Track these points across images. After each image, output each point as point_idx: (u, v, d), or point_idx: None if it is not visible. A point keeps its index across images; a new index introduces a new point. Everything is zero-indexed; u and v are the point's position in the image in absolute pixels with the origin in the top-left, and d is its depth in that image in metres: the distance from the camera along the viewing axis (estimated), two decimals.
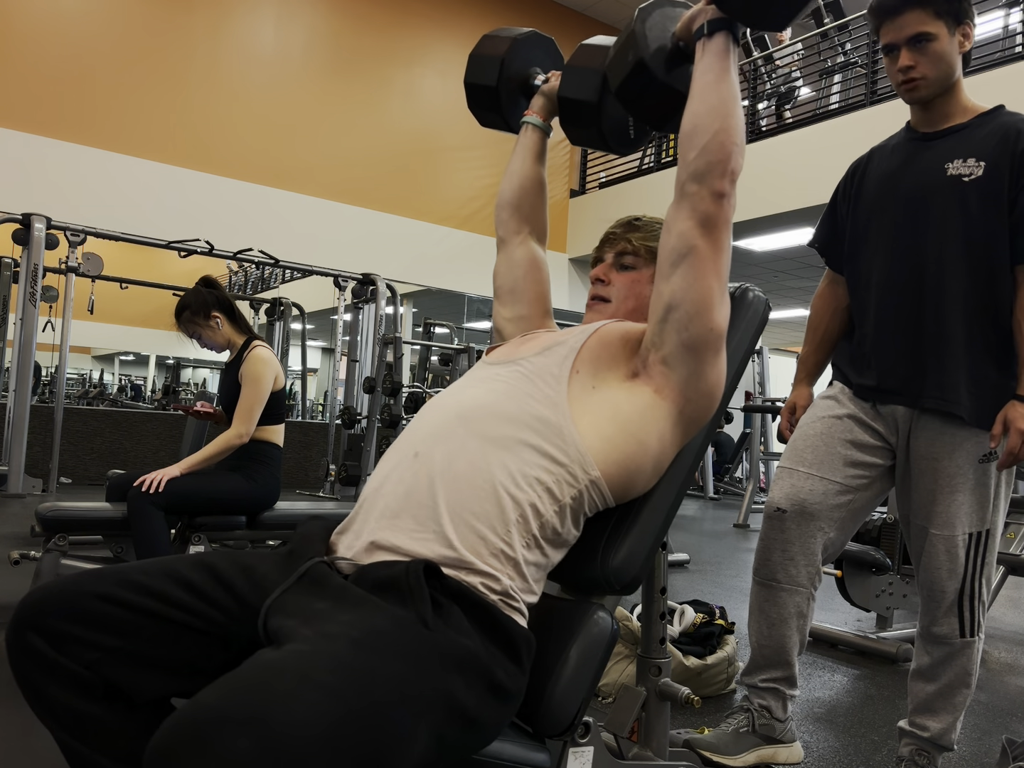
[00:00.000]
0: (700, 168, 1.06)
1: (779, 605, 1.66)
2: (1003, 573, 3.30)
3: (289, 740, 0.65)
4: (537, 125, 1.40)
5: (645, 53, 1.17)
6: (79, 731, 0.88)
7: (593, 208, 9.38)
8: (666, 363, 1.07)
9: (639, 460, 1.06)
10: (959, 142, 1.56)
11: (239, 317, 2.75)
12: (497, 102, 1.42)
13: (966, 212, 1.54)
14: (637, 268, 1.27)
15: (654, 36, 1.17)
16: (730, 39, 1.09)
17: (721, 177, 1.05)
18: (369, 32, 8.50)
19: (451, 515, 0.95)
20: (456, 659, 0.84)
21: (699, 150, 1.06)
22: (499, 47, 1.40)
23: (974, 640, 1.61)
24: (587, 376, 1.08)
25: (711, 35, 1.09)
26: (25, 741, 1.69)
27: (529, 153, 1.40)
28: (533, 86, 1.41)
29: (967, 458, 1.57)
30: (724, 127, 1.06)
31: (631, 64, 1.18)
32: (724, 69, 1.07)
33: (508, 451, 1.00)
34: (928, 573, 1.63)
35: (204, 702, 0.67)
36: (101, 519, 2.45)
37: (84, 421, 6.72)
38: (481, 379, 1.15)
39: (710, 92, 1.07)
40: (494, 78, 1.40)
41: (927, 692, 1.66)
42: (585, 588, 1.13)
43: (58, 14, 6.92)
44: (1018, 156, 1.51)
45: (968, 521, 1.58)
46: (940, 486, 1.59)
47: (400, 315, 6.84)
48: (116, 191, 7.02)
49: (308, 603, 0.86)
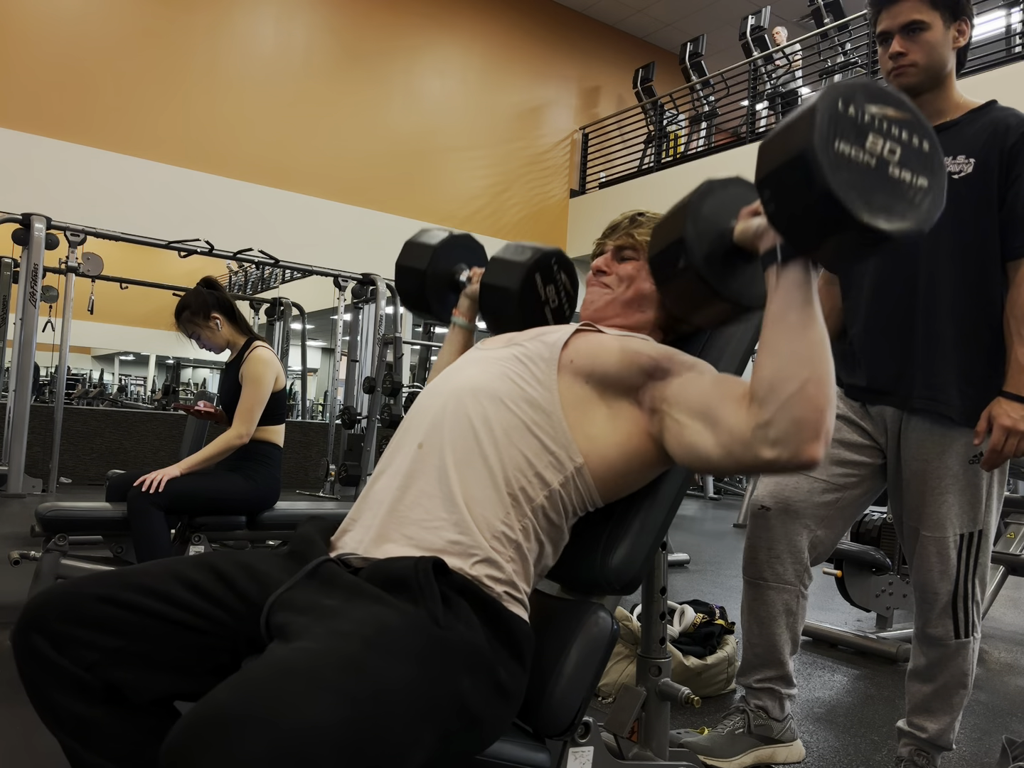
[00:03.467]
0: (784, 429, 0.87)
1: (767, 603, 1.66)
2: (1003, 573, 3.30)
3: (301, 740, 0.66)
4: (463, 326, 1.46)
5: (697, 261, 0.99)
6: (80, 733, 0.89)
7: (593, 208, 9.38)
8: (663, 422, 1.02)
9: (623, 468, 1.05)
10: (950, 139, 1.52)
11: (239, 318, 2.75)
12: (427, 304, 1.50)
13: (957, 211, 1.48)
14: (637, 259, 1.27)
15: (707, 240, 0.99)
16: (811, 266, 0.89)
17: (814, 440, 0.86)
18: (369, 32, 8.49)
19: (457, 501, 0.96)
20: (465, 657, 0.85)
21: (782, 404, 0.87)
22: (422, 258, 1.48)
23: (969, 641, 1.60)
24: (580, 372, 1.06)
25: (786, 263, 0.90)
26: (28, 741, 1.69)
27: (456, 348, 1.45)
28: (459, 283, 1.49)
29: (957, 459, 1.55)
30: (816, 376, 0.87)
31: (681, 271, 1.02)
32: (808, 302, 0.88)
33: (503, 434, 1.00)
34: (920, 575, 1.62)
35: (218, 701, 0.68)
36: (101, 519, 2.45)
37: (84, 421, 6.72)
38: (476, 360, 1.15)
39: (795, 335, 0.88)
40: (419, 287, 1.48)
41: (924, 693, 1.65)
42: (585, 588, 1.13)
43: (58, 14, 6.92)
44: (1007, 151, 1.50)
45: (959, 522, 1.57)
46: (930, 487, 1.57)
47: (400, 315, 6.83)
48: (116, 191, 7.02)
49: (318, 600, 0.87)
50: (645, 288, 1.22)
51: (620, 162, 9.39)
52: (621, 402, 1.04)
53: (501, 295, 1.35)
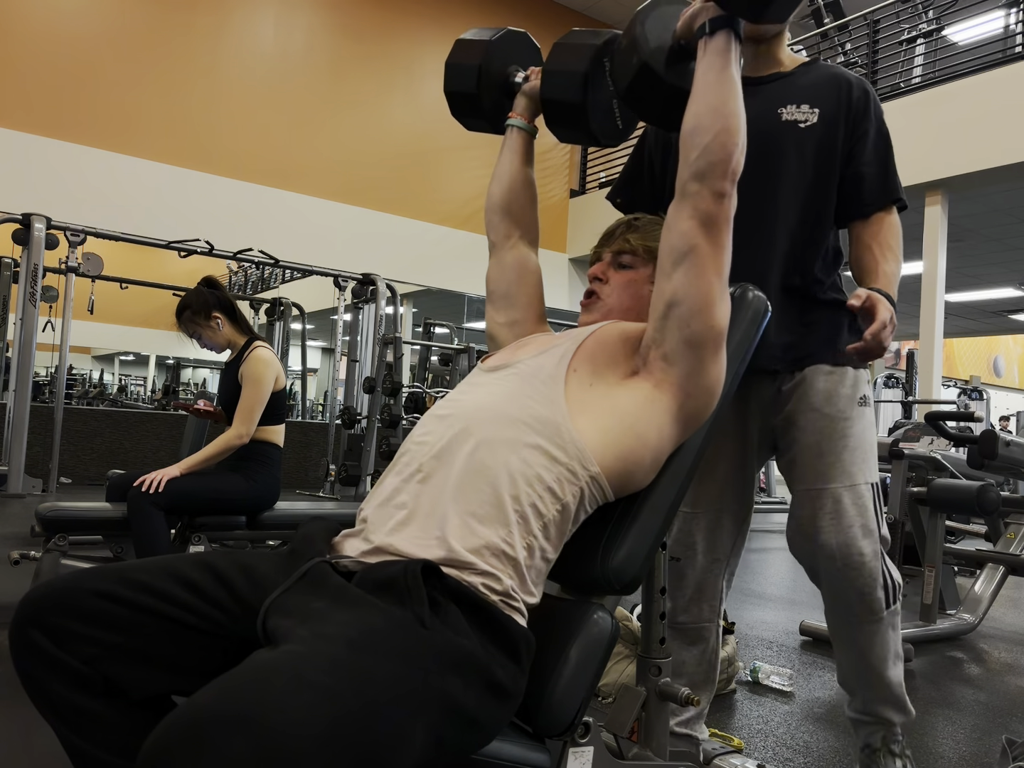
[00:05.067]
0: (701, 168, 1.06)
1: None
2: (1003, 573, 3.30)
3: (284, 740, 0.65)
4: (521, 127, 1.39)
5: (646, 55, 1.16)
6: (80, 726, 0.89)
7: (593, 208, 9.38)
8: (666, 359, 1.08)
9: (638, 453, 1.06)
10: (786, 87, 1.54)
11: (240, 317, 2.75)
12: (479, 107, 1.41)
13: (802, 158, 1.52)
14: (635, 267, 1.27)
15: (654, 37, 1.17)
16: (732, 37, 1.08)
17: (723, 177, 1.06)
18: (369, 32, 8.50)
19: (455, 522, 0.95)
20: (453, 658, 0.84)
21: (700, 150, 1.06)
22: (474, 53, 1.38)
23: (896, 608, 1.50)
24: (585, 375, 1.09)
25: (712, 33, 1.09)
26: (28, 738, 1.69)
27: (515, 155, 1.39)
28: (514, 85, 1.39)
29: (848, 402, 1.51)
30: (726, 127, 1.06)
31: (635, 67, 1.18)
32: (725, 67, 1.07)
33: (510, 452, 1.00)
34: (839, 536, 1.46)
35: (199, 702, 0.67)
36: (101, 519, 2.45)
37: (84, 421, 6.72)
38: (479, 384, 1.15)
39: (711, 91, 1.07)
40: (473, 85, 1.38)
41: (867, 681, 1.55)
42: (585, 588, 1.13)
43: (57, 14, 6.92)
44: (853, 106, 1.52)
45: (867, 469, 1.48)
46: (827, 434, 1.48)
47: (400, 315, 6.84)
48: (116, 191, 7.02)
49: (306, 602, 0.86)
50: (644, 294, 1.23)
51: (620, 162, 9.37)
52: (628, 381, 1.09)
53: (566, 80, 1.26)
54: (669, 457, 1.12)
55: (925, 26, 6.93)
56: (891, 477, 3.37)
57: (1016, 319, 12.16)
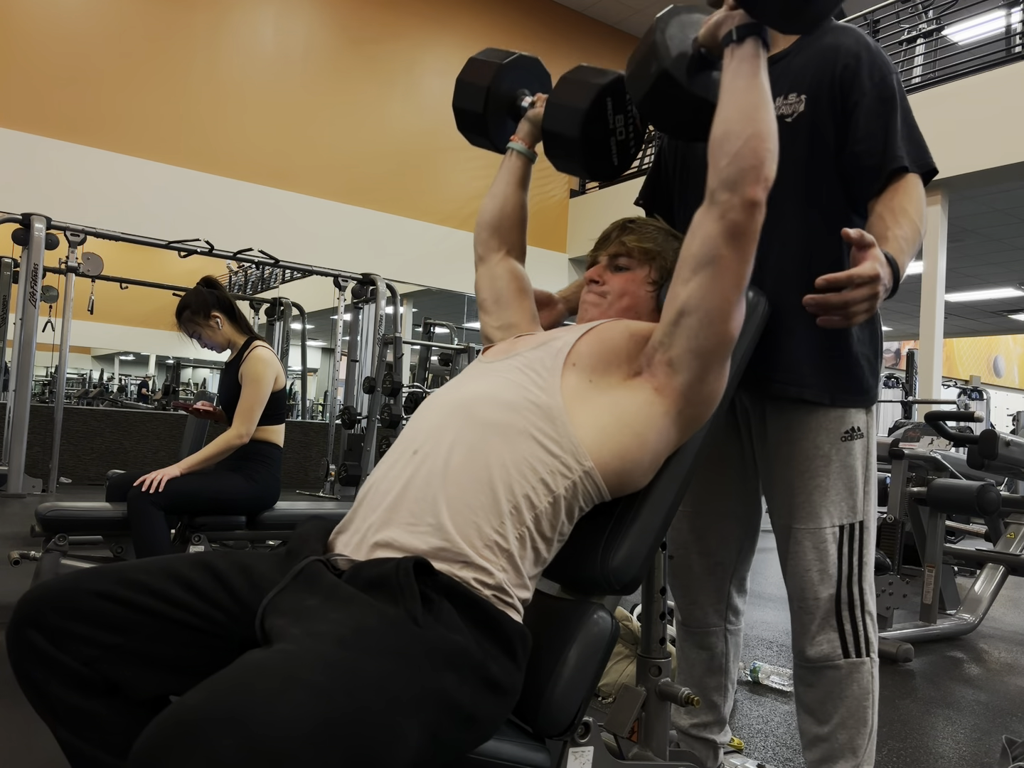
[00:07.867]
0: (732, 175, 1.03)
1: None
2: (1003, 573, 3.30)
3: (273, 740, 0.65)
4: (521, 151, 1.40)
5: (668, 62, 1.14)
6: (79, 727, 0.89)
7: (593, 208, 9.37)
8: (671, 365, 1.07)
9: (636, 452, 1.06)
10: (780, 75, 1.32)
11: (239, 317, 2.75)
12: (484, 127, 1.43)
13: (794, 158, 1.29)
14: (631, 269, 1.28)
15: (675, 44, 1.15)
16: (760, 44, 1.07)
17: (755, 183, 1.03)
18: (369, 32, 8.50)
19: (447, 507, 0.95)
20: (447, 655, 0.84)
21: (731, 156, 1.03)
22: (485, 74, 1.40)
23: (864, 662, 1.36)
24: (584, 369, 1.09)
25: (741, 41, 1.07)
26: (26, 739, 1.69)
27: (512, 177, 1.41)
28: (520, 108, 1.41)
29: (827, 436, 1.35)
30: (756, 132, 1.03)
31: (654, 75, 1.16)
32: (755, 74, 1.06)
33: (505, 441, 1.00)
34: (796, 579, 1.38)
35: (189, 702, 0.67)
36: (101, 519, 2.45)
37: (84, 421, 6.72)
38: (478, 373, 1.16)
39: (741, 96, 1.05)
40: (480, 105, 1.41)
41: (820, 736, 1.38)
42: (585, 588, 1.13)
43: (57, 14, 6.92)
44: (836, 79, 1.30)
45: (836, 511, 1.35)
46: (798, 472, 1.36)
47: (400, 315, 6.84)
48: (116, 191, 7.02)
49: (299, 601, 0.86)
50: (641, 295, 1.24)
51: None
52: (630, 380, 1.09)
53: (567, 115, 1.27)
54: (669, 457, 1.13)
55: (925, 26, 6.93)
56: (891, 477, 3.37)
57: (1016, 319, 12.17)
